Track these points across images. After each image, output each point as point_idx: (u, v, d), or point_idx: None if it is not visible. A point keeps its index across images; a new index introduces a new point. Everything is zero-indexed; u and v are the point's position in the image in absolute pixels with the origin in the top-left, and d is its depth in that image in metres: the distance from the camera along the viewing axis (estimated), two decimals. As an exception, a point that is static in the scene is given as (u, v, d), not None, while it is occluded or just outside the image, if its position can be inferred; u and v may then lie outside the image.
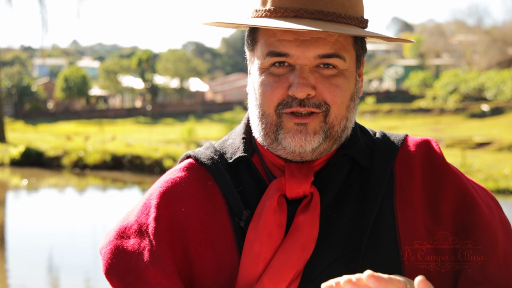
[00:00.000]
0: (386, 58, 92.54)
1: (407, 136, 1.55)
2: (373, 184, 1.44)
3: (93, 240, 12.44)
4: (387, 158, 1.48)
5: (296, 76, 1.37)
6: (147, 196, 1.51)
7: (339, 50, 1.38)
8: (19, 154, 25.38)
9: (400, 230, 1.40)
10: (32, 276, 9.87)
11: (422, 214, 1.43)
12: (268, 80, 1.40)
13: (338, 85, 1.39)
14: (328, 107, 1.39)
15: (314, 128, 1.39)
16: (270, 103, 1.40)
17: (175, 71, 64.07)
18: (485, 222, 1.43)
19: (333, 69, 1.39)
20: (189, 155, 1.55)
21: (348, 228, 1.41)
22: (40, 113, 57.04)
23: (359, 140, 1.51)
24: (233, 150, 1.52)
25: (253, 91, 1.45)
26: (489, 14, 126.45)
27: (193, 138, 27.87)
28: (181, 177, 1.50)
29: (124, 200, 18.22)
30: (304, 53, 1.37)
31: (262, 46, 1.42)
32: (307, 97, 1.37)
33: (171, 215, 1.45)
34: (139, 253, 1.42)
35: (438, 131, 31.43)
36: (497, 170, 18.07)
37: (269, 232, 1.39)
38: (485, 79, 44.04)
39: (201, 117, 50.73)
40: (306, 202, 1.42)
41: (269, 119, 1.41)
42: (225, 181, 1.47)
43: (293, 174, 1.43)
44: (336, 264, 1.38)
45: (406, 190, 1.44)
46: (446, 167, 1.48)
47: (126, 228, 1.47)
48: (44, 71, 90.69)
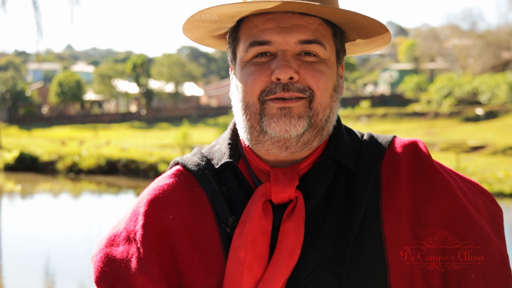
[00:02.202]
0: (380, 62, 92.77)
1: (395, 137, 1.55)
2: (359, 187, 1.44)
3: (88, 245, 12.40)
4: (373, 161, 1.48)
5: (279, 60, 1.38)
6: (136, 203, 1.53)
7: (320, 37, 1.41)
8: (13, 159, 25.32)
9: (385, 233, 1.41)
10: (27, 281, 9.83)
11: (408, 217, 1.43)
12: (250, 69, 1.41)
13: (321, 70, 1.41)
14: (312, 92, 1.40)
15: (299, 112, 1.39)
16: (253, 91, 1.40)
17: (169, 75, 64.06)
18: (477, 226, 1.43)
19: (314, 57, 1.41)
20: (177, 162, 1.56)
21: (334, 232, 1.42)
22: (34, 118, 56.94)
23: (345, 142, 1.51)
24: (219, 156, 1.53)
25: (236, 88, 1.46)
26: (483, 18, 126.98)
27: (188, 142, 27.83)
28: (169, 184, 1.51)
29: (119, 205, 18.18)
30: (286, 39, 1.39)
31: (244, 40, 1.43)
32: (291, 82, 1.38)
33: (159, 222, 1.46)
34: (127, 261, 1.43)
35: (432, 135, 31.49)
36: (491, 174, 18.12)
37: (253, 238, 1.39)
38: (479, 83, 44.15)
39: (196, 121, 50.74)
40: (292, 207, 1.42)
41: (252, 109, 1.41)
42: (211, 188, 1.47)
43: (277, 178, 1.43)
44: (323, 268, 1.39)
45: (392, 193, 1.45)
46: (434, 169, 1.48)
47: (115, 236, 1.49)
48: (38, 75, 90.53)
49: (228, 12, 1.42)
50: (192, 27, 1.50)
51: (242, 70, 1.43)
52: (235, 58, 1.48)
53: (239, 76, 1.44)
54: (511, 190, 16.27)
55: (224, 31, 1.52)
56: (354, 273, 1.37)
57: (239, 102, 1.44)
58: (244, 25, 1.45)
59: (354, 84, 73.89)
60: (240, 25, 1.46)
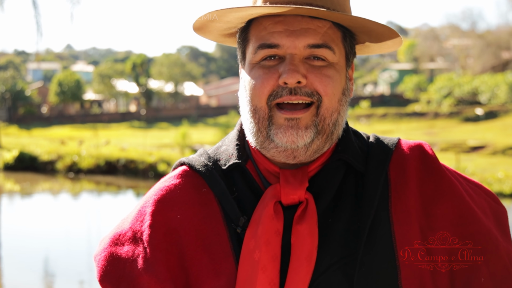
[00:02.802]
0: (380, 62, 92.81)
1: (400, 140, 1.55)
2: (369, 189, 1.44)
3: (87, 245, 12.41)
4: (382, 162, 1.48)
5: (286, 64, 1.37)
6: (142, 203, 1.51)
7: (329, 41, 1.39)
8: (13, 159, 25.33)
9: (395, 234, 1.41)
10: (26, 280, 9.83)
11: (417, 219, 1.43)
12: (258, 72, 1.41)
13: (329, 75, 1.39)
14: (320, 97, 1.39)
15: (306, 123, 1.38)
16: (261, 95, 1.39)
17: (169, 75, 64.08)
18: (485, 230, 1.44)
19: (323, 61, 1.40)
20: (183, 162, 1.55)
21: (344, 233, 1.41)
22: (34, 118, 56.94)
23: (353, 144, 1.51)
24: (227, 156, 1.52)
25: (244, 89, 1.45)
26: (483, 18, 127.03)
27: (188, 142, 27.83)
28: (175, 184, 1.49)
29: (118, 205, 18.19)
30: (294, 43, 1.38)
31: (253, 42, 1.43)
32: (298, 86, 1.37)
33: (166, 222, 1.45)
34: (133, 260, 1.41)
35: (432, 135, 31.50)
36: (491, 174, 18.12)
37: (267, 239, 1.39)
38: (479, 83, 44.17)
39: (196, 121, 50.69)
40: (303, 209, 1.42)
41: (261, 113, 1.40)
42: (220, 188, 1.46)
43: (287, 180, 1.43)
44: (333, 269, 1.39)
45: (401, 195, 1.45)
46: (441, 171, 1.49)
47: (120, 235, 1.47)
48: (38, 75, 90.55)
49: (238, 15, 1.41)
50: (202, 27, 1.50)
51: (250, 72, 1.43)
52: (244, 58, 1.48)
53: (248, 78, 1.43)
54: (510, 190, 16.28)
55: (234, 30, 1.51)
56: (365, 275, 1.37)
57: (247, 105, 1.43)
58: (253, 26, 1.44)
59: (354, 84, 73.82)
60: (250, 26, 1.45)
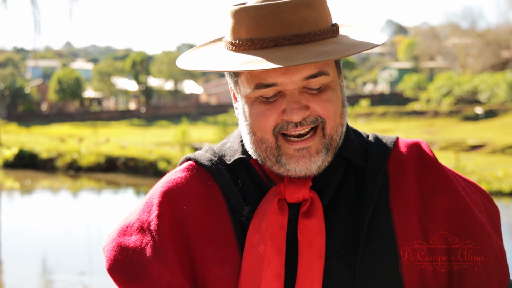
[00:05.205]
0: (380, 61, 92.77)
1: (398, 138, 1.60)
2: (369, 181, 1.49)
3: (87, 242, 12.43)
4: (381, 158, 1.53)
5: (289, 102, 1.40)
6: (149, 196, 1.55)
7: (322, 67, 1.41)
8: (13, 156, 25.32)
9: (396, 224, 1.46)
10: (26, 277, 9.85)
11: (416, 211, 1.49)
12: (260, 109, 1.42)
13: (329, 99, 1.42)
14: (324, 120, 1.42)
15: (316, 148, 1.43)
16: (266, 129, 1.42)
17: (169, 73, 63.99)
18: (479, 222, 1.49)
19: (320, 85, 1.42)
20: (189, 158, 1.59)
21: (344, 224, 1.47)
22: (33, 115, 56.88)
23: (353, 141, 1.56)
24: (232, 152, 1.56)
25: (245, 118, 1.47)
26: (483, 17, 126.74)
27: (187, 140, 27.83)
28: (182, 177, 1.54)
29: (118, 202, 18.21)
30: (291, 79, 1.39)
31: (247, 77, 1.43)
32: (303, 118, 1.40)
33: (173, 213, 1.49)
34: (141, 249, 1.45)
35: (432, 134, 31.51)
36: (490, 173, 18.14)
37: (271, 233, 1.44)
38: (479, 81, 44.15)
39: (196, 119, 50.72)
40: (308, 205, 1.47)
41: (268, 143, 1.44)
42: (225, 181, 1.51)
43: (291, 179, 1.48)
44: (334, 258, 1.44)
45: (400, 188, 1.50)
46: (439, 167, 1.54)
47: (128, 226, 1.51)
48: (37, 73, 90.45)
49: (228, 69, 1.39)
50: (187, 64, 1.49)
51: (251, 107, 1.44)
52: (237, 85, 1.48)
53: (248, 110, 1.45)
54: (510, 189, 16.31)
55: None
56: (367, 263, 1.42)
57: (251, 134, 1.46)
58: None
59: (353, 82, 73.94)
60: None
